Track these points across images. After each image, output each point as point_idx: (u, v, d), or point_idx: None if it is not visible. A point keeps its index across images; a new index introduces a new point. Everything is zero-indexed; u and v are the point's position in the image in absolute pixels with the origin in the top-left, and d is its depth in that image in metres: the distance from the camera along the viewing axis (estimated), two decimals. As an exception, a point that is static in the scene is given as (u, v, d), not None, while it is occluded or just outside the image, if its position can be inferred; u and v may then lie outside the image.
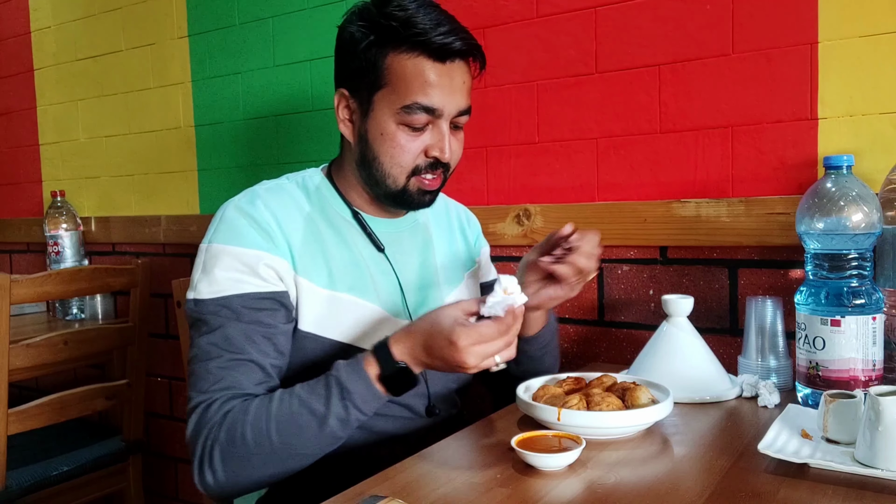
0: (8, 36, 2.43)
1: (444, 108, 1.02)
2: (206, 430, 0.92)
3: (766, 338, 1.14)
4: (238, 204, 1.04)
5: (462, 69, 1.03)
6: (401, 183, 1.05)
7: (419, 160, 1.04)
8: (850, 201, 0.98)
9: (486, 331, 0.85)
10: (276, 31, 1.79)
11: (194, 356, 0.97)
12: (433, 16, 1.00)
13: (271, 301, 0.99)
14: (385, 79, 1.01)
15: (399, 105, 1.01)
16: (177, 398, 2.10)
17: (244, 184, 1.09)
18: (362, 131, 1.05)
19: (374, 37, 1.01)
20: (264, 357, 0.97)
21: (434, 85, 1.00)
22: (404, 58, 1.00)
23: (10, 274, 1.54)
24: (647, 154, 1.33)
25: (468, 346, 0.85)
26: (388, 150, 1.03)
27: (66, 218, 2.19)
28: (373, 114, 1.03)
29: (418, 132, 1.03)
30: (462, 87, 1.03)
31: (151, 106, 2.06)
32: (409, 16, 0.99)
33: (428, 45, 0.99)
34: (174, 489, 2.15)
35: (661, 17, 1.30)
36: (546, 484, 0.79)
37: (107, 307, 2.21)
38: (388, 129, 1.02)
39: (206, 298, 0.97)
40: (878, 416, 0.78)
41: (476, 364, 0.86)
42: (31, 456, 1.75)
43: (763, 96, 1.22)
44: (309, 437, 0.89)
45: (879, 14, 1.12)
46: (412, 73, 1.00)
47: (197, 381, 0.95)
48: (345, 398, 0.88)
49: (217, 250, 0.99)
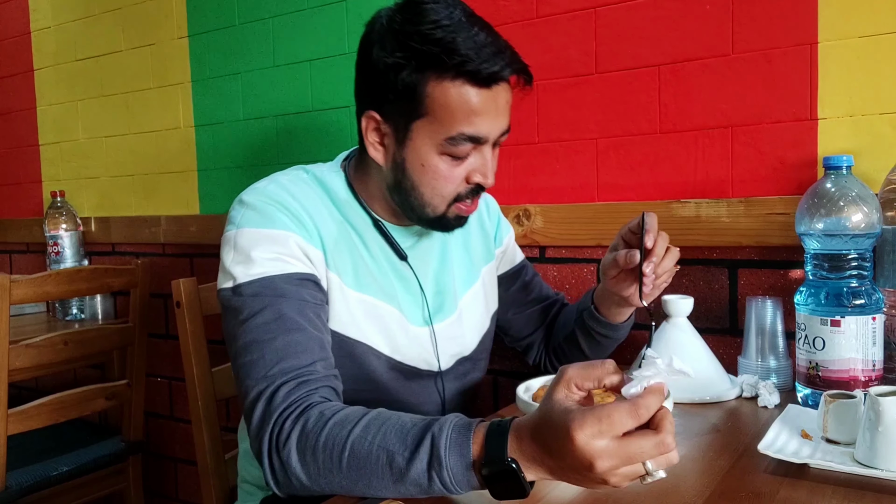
0: (8, 36, 2.43)
1: (490, 134, 0.96)
2: (275, 418, 0.82)
3: (766, 338, 1.14)
4: (264, 190, 0.99)
5: (506, 89, 0.97)
6: (440, 211, 1.01)
7: (461, 188, 0.99)
8: (850, 202, 0.98)
9: (613, 414, 0.63)
10: (276, 31, 1.79)
11: (244, 345, 0.89)
12: (475, 36, 0.92)
13: (312, 283, 0.96)
14: (426, 108, 0.94)
15: (443, 137, 0.95)
16: (177, 398, 2.10)
17: (244, 184, 1.08)
18: (398, 159, 0.99)
19: (415, 63, 0.93)
20: (319, 332, 0.92)
21: (479, 113, 0.94)
22: (448, 86, 0.93)
23: (10, 274, 1.54)
24: (647, 154, 1.33)
25: (590, 440, 0.62)
26: (430, 181, 0.98)
27: (66, 218, 2.19)
28: (411, 143, 0.97)
29: (461, 160, 0.97)
30: (506, 108, 0.98)
31: (151, 106, 2.06)
32: (450, 39, 0.91)
33: (475, 75, 0.92)
34: (174, 489, 2.15)
35: (661, 17, 1.30)
36: (546, 484, 0.79)
37: (107, 307, 2.21)
38: (430, 160, 0.97)
39: (247, 281, 0.92)
40: (878, 417, 0.78)
41: (611, 469, 0.63)
42: (31, 456, 1.75)
43: (763, 96, 1.22)
44: (379, 486, 0.75)
45: (879, 14, 1.12)
46: (457, 102, 0.93)
47: (253, 369, 0.87)
48: (432, 467, 0.72)
49: (250, 234, 0.95)
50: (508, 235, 1.29)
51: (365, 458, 0.75)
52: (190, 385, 1.29)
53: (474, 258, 1.20)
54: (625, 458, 0.63)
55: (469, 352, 1.17)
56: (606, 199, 1.38)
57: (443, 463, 0.71)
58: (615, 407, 0.63)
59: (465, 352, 1.16)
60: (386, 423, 0.77)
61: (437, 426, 0.73)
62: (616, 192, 1.37)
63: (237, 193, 1.06)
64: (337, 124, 1.71)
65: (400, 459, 0.73)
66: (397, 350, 1.06)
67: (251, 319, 0.90)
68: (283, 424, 0.81)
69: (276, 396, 0.84)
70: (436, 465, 0.71)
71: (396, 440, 0.74)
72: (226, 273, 0.95)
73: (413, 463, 0.72)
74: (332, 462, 0.77)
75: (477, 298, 1.18)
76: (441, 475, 0.71)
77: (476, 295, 1.18)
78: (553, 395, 0.68)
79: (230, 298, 0.93)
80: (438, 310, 1.11)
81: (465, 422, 0.74)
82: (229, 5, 1.87)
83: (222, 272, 0.96)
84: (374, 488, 0.75)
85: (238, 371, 0.89)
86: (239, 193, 1.03)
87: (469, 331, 1.16)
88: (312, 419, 0.80)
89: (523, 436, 0.69)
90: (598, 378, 0.68)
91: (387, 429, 0.76)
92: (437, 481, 0.72)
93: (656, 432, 0.63)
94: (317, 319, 0.93)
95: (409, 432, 0.75)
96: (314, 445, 0.78)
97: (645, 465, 0.63)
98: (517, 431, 0.69)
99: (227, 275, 0.95)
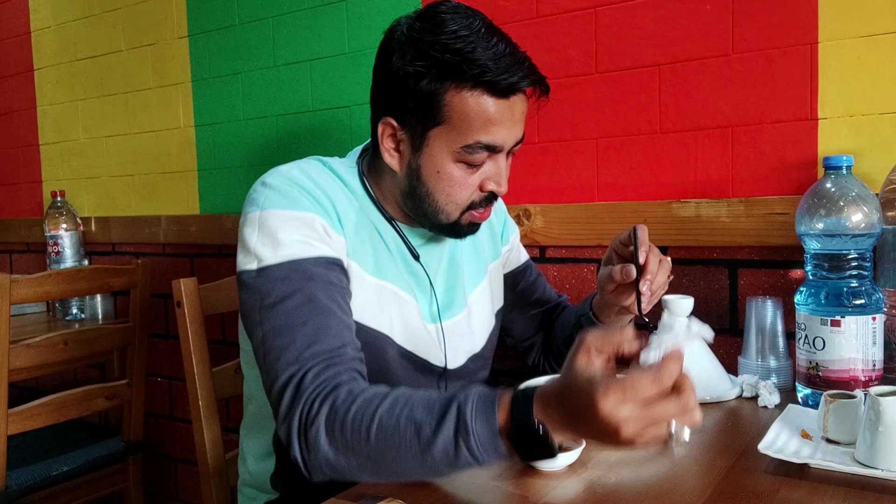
0: (8, 36, 2.43)
1: (506, 143, 0.98)
2: (304, 399, 0.83)
3: (766, 338, 1.14)
4: (288, 174, 0.99)
5: (522, 100, 0.99)
6: (453, 218, 1.02)
7: (475, 196, 1.01)
8: (850, 201, 0.98)
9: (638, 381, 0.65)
10: (276, 31, 1.79)
11: (274, 328, 0.88)
12: (494, 47, 0.94)
13: (338, 267, 0.96)
14: (444, 116, 0.95)
15: (460, 144, 0.96)
16: (177, 398, 2.11)
17: (244, 184, 1.09)
18: (413, 165, 1.00)
19: (435, 72, 0.94)
20: (348, 316, 0.92)
21: (496, 122, 0.95)
22: (466, 95, 0.94)
23: (10, 274, 1.54)
24: (647, 154, 1.33)
25: (615, 407, 0.65)
26: (445, 188, 0.99)
27: (66, 218, 2.19)
28: (427, 150, 0.98)
29: (476, 168, 0.99)
30: (521, 117, 0.99)
31: (151, 106, 2.06)
32: (469, 49, 0.93)
33: (493, 85, 0.93)
34: (174, 489, 2.15)
35: (661, 17, 1.30)
36: (546, 484, 0.79)
37: (107, 307, 2.21)
38: (446, 167, 0.98)
39: (274, 263, 0.91)
40: (878, 417, 0.78)
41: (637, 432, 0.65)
42: (31, 456, 1.75)
43: (763, 96, 1.22)
44: (407, 459, 0.76)
45: (879, 14, 1.12)
46: (474, 111, 0.94)
47: (284, 353, 0.87)
48: (458, 434, 0.73)
49: (276, 215, 0.94)
50: (514, 234, 1.29)
51: (393, 430, 0.76)
52: (191, 385, 1.29)
53: (483, 255, 1.21)
54: (650, 422, 0.65)
55: (479, 349, 1.17)
56: (606, 199, 1.38)
57: (469, 429, 0.72)
58: (639, 375, 0.65)
59: (476, 349, 1.16)
60: (412, 396, 0.79)
61: (463, 395, 0.75)
62: (616, 191, 1.37)
63: (237, 193, 1.06)
64: (337, 124, 1.71)
65: (427, 429, 0.74)
66: (411, 341, 1.06)
67: (281, 303, 0.89)
68: (313, 404, 0.82)
69: (305, 379, 0.84)
70: (462, 433, 0.73)
71: (423, 411, 0.76)
72: (250, 254, 0.94)
73: (440, 432, 0.74)
74: (360, 436, 0.77)
75: (484, 295, 1.19)
76: (468, 442, 0.72)
77: (483, 291, 1.19)
78: (574, 362, 0.70)
79: (255, 279, 0.92)
80: (447, 308, 1.12)
81: (489, 391, 0.75)
82: (229, 5, 1.87)
83: (244, 253, 0.95)
84: (402, 461, 0.76)
85: (267, 354, 0.89)
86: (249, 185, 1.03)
87: (478, 327, 1.17)
88: (342, 397, 0.81)
89: (549, 402, 0.71)
90: (618, 344, 0.70)
91: (413, 402, 0.78)
92: (464, 449, 0.73)
93: (678, 394, 0.66)
94: (344, 304, 0.94)
95: (434, 403, 0.76)
96: (343, 420, 0.79)
97: (669, 426, 0.66)
98: (542, 397, 0.72)
99: (251, 256, 0.93)
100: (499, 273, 1.24)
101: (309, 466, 0.82)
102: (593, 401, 0.65)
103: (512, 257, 1.28)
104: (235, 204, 1.88)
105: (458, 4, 0.99)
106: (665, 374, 0.65)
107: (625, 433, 0.65)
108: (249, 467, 1.16)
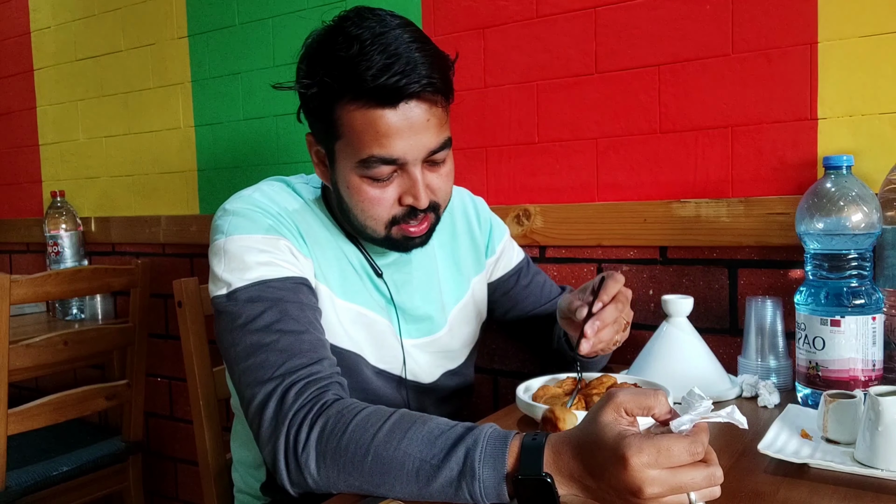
0: (8, 36, 2.43)
1: (407, 155, 0.91)
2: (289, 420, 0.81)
3: (766, 338, 1.14)
4: (249, 198, 0.99)
5: (421, 108, 0.91)
6: (381, 233, 0.98)
7: (395, 210, 0.95)
8: (850, 201, 0.98)
9: (673, 448, 0.63)
10: (276, 31, 1.79)
11: (245, 348, 0.87)
12: (378, 54, 0.87)
13: (307, 287, 0.95)
14: (339, 130, 0.92)
15: (356, 159, 0.92)
16: (177, 398, 2.11)
17: (244, 184, 1.08)
18: (334, 180, 0.98)
19: (321, 88, 0.91)
20: (320, 333, 0.91)
21: (389, 134, 0.90)
22: (351, 108, 0.90)
23: (10, 274, 1.54)
24: (647, 154, 1.33)
25: (645, 467, 0.63)
26: (358, 203, 0.95)
27: (66, 218, 2.19)
28: (337, 165, 0.96)
29: (386, 182, 0.94)
30: (426, 126, 0.91)
31: (151, 106, 2.06)
32: (351, 61, 0.88)
33: (374, 94, 0.88)
34: (174, 489, 2.15)
35: (661, 17, 1.30)
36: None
37: (107, 307, 2.21)
38: (353, 182, 0.94)
39: (243, 286, 0.90)
40: (878, 416, 0.78)
41: (658, 496, 0.63)
42: (31, 456, 1.75)
43: (763, 96, 1.22)
44: (402, 490, 0.75)
45: (879, 14, 1.12)
46: (362, 124, 0.90)
47: (258, 372, 0.85)
48: (463, 477, 0.72)
49: (241, 240, 0.94)
50: (502, 242, 1.25)
51: (389, 463, 0.75)
52: (191, 384, 1.29)
53: (464, 269, 1.19)
54: (674, 488, 0.63)
55: (457, 365, 1.17)
56: (606, 198, 1.38)
57: (476, 475, 0.71)
58: (674, 440, 0.63)
59: (454, 365, 1.16)
60: (412, 426, 0.76)
61: (472, 438, 0.73)
62: (616, 191, 1.37)
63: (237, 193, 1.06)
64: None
65: (427, 467, 0.73)
66: (384, 360, 1.06)
67: (251, 323, 0.88)
68: (300, 427, 0.80)
69: (286, 397, 0.82)
70: (467, 477, 0.71)
71: (425, 446, 0.74)
72: (219, 281, 0.93)
73: (443, 470, 0.72)
74: (354, 466, 0.76)
75: (467, 310, 1.18)
76: (472, 486, 0.71)
77: (466, 306, 1.18)
78: (601, 416, 0.68)
79: (225, 304, 0.91)
80: (421, 323, 1.10)
81: (500, 433, 0.73)
82: (229, 5, 1.87)
83: (214, 281, 0.94)
84: (396, 490, 0.75)
85: (240, 376, 0.87)
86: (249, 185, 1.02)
87: (459, 345, 1.17)
88: (332, 420, 0.79)
89: (562, 451, 0.69)
90: (649, 408, 0.68)
91: (413, 433, 0.76)
92: (465, 491, 0.72)
93: (707, 465, 0.64)
94: (316, 321, 0.93)
95: (436, 439, 0.74)
96: (335, 449, 0.77)
97: (689, 496, 0.64)
98: (555, 447, 0.70)
99: (220, 282, 0.93)
100: (482, 286, 1.23)
101: (294, 486, 0.81)
102: (623, 456, 0.63)
103: (501, 264, 1.25)
104: (235, 204, 1.87)
105: (367, 10, 0.93)
106: (700, 445, 0.64)
107: (647, 493, 0.63)
108: (241, 475, 1.16)
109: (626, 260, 1.37)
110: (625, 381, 1.01)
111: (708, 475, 0.64)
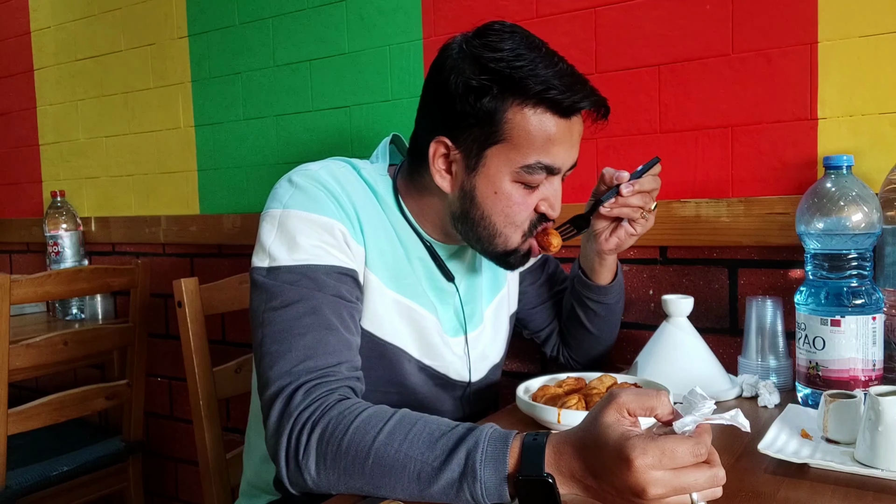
0: (8, 36, 2.43)
1: (563, 165, 0.96)
2: (293, 420, 0.82)
3: (766, 338, 1.14)
4: (316, 175, 0.97)
5: (580, 122, 0.97)
6: (513, 243, 0.98)
7: (532, 217, 0.98)
8: (850, 201, 0.98)
9: (677, 449, 0.63)
10: (276, 31, 1.79)
11: (274, 332, 0.88)
12: (555, 65, 0.92)
13: (351, 279, 0.94)
14: (504, 134, 0.93)
15: (519, 164, 0.93)
16: (177, 398, 2.11)
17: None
18: (467, 187, 0.97)
19: (497, 88, 0.91)
20: (350, 334, 0.91)
21: (556, 142, 0.93)
22: (528, 113, 0.91)
23: (10, 274, 1.54)
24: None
25: (649, 468, 0.63)
26: (504, 208, 0.96)
27: (66, 218, 2.19)
28: (484, 170, 0.95)
29: (533, 189, 0.96)
30: (578, 140, 0.97)
31: (151, 106, 2.06)
32: (532, 66, 0.90)
33: (556, 103, 0.91)
34: (174, 489, 2.15)
35: (661, 17, 1.30)
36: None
37: (107, 307, 2.21)
38: (504, 187, 0.95)
39: (285, 265, 0.90)
40: (878, 416, 0.78)
41: (661, 496, 0.63)
42: (31, 456, 1.75)
43: (763, 96, 1.22)
44: (402, 491, 0.75)
45: (879, 14, 1.12)
46: (536, 129, 0.92)
47: (279, 361, 0.86)
48: (464, 479, 0.72)
49: (297, 216, 0.93)
50: None
51: (390, 465, 0.75)
52: (191, 384, 1.29)
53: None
54: (677, 489, 0.63)
55: (499, 359, 1.18)
56: (606, 198, 1.38)
57: (477, 476, 0.71)
58: (678, 442, 0.64)
59: (497, 359, 1.18)
60: (412, 428, 0.77)
61: (472, 439, 0.73)
62: (616, 191, 1.37)
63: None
64: (336, 124, 1.71)
65: (429, 469, 0.73)
66: (429, 356, 1.06)
67: (285, 309, 0.88)
68: (303, 428, 0.81)
69: (295, 396, 0.83)
70: (469, 478, 0.71)
71: (425, 448, 0.75)
72: (264, 251, 0.93)
73: (443, 473, 0.73)
74: (355, 468, 0.77)
75: (502, 304, 1.18)
76: (473, 487, 0.71)
77: (501, 301, 1.18)
78: (603, 417, 0.68)
79: (265, 278, 0.91)
80: (470, 318, 1.11)
81: (501, 434, 0.73)
82: (229, 5, 1.87)
83: (260, 250, 0.94)
84: (396, 492, 0.76)
85: (262, 357, 0.88)
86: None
87: (497, 338, 1.17)
88: (333, 422, 0.80)
89: (563, 451, 0.69)
90: (652, 408, 0.68)
91: (414, 435, 0.76)
92: (466, 492, 0.72)
93: (710, 465, 0.65)
94: (350, 320, 0.92)
95: (437, 441, 0.75)
96: (336, 451, 0.78)
97: (691, 496, 0.64)
98: (556, 447, 0.70)
99: (265, 253, 0.92)
100: (515, 277, 1.23)
101: (293, 485, 0.82)
102: (627, 457, 0.63)
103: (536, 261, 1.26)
104: (235, 204, 1.88)
105: (514, 25, 0.96)
106: (704, 447, 0.64)
107: (650, 494, 0.63)
108: (255, 464, 1.14)
109: (626, 260, 1.37)
110: (625, 381, 1.01)
111: (711, 476, 0.64)
